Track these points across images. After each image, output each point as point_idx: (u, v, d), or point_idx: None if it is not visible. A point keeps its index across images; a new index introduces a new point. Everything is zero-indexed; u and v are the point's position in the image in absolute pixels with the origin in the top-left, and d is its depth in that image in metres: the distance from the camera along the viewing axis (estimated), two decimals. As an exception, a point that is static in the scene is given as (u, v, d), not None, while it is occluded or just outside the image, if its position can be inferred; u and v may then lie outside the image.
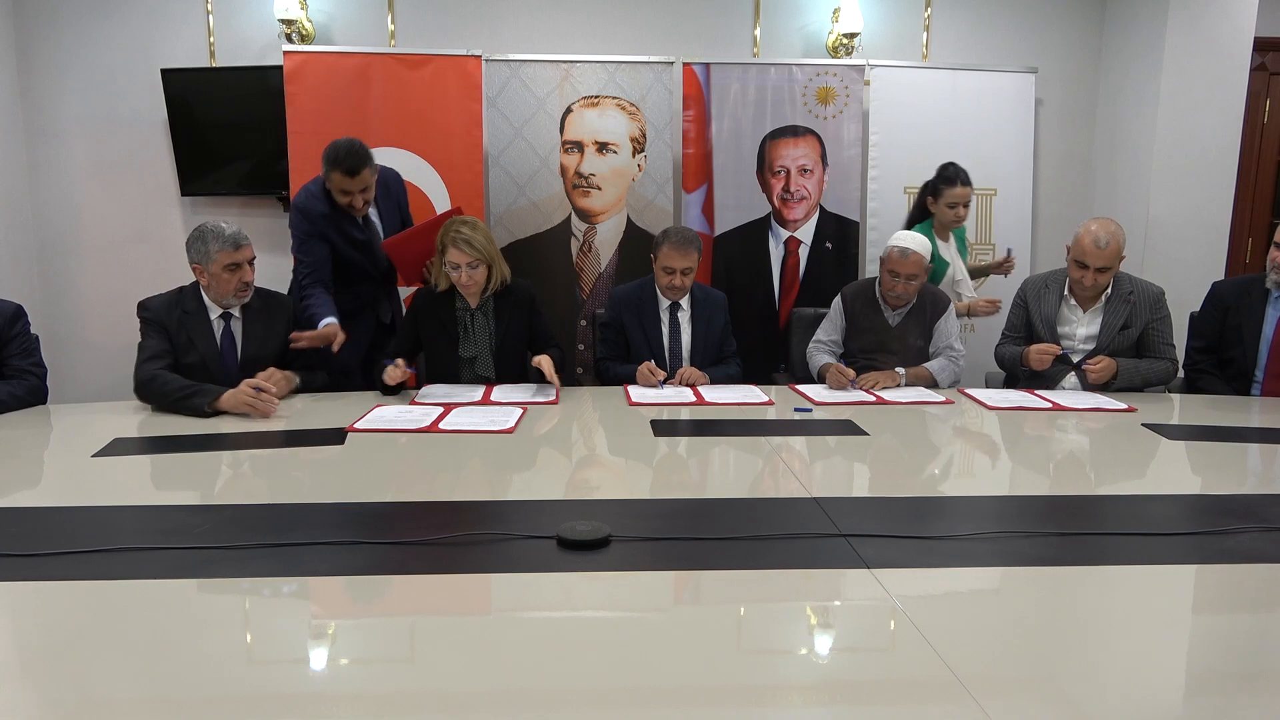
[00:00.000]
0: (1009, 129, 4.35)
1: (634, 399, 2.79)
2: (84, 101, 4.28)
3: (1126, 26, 4.41)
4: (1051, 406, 2.75)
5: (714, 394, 2.86)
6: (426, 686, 1.13)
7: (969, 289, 3.64)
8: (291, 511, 1.73)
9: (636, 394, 2.85)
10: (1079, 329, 3.08)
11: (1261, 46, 4.31)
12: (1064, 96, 4.60)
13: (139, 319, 2.68)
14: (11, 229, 4.21)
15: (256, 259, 2.75)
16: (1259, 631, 1.33)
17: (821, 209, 4.27)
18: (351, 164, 2.98)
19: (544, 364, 2.84)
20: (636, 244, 4.12)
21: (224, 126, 4.19)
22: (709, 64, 4.17)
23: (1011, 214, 4.41)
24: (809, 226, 4.27)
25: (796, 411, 2.66)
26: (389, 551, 1.51)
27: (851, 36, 4.33)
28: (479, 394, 2.78)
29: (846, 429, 2.47)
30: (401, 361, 2.79)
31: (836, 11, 4.34)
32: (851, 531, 1.61)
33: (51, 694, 1.10)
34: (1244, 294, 3.09)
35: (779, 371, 3.77)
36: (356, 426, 2.36)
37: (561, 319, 4.05)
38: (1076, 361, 3.04)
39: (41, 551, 1.47)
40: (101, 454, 2.10)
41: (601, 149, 4.12)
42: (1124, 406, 2.74)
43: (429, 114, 3.97)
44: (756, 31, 4.46)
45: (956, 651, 1.19)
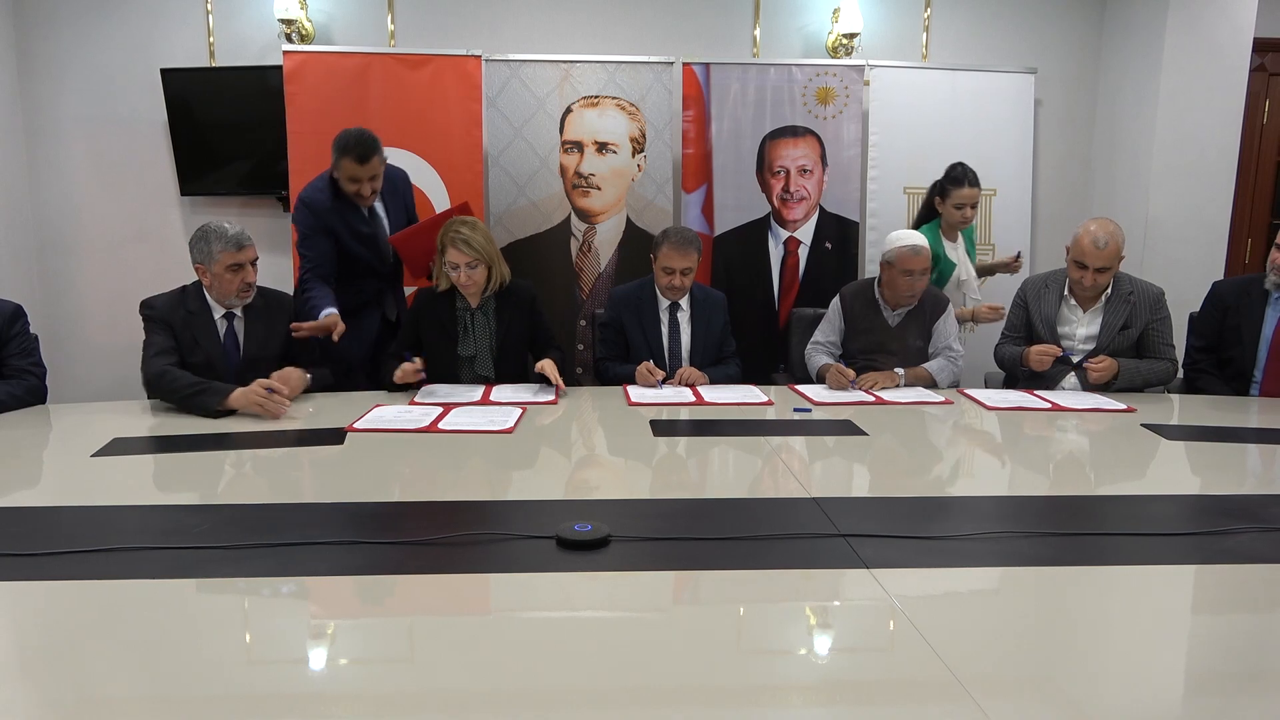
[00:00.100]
0: (1008, 129, 4.35)
1: (633, 399, 2.79)
2: (84, 101, 4.28)
3: (1126, 27, 4.41)
4: (1051, 407, 2.75)
5: (713, 394, 2.86)
6: (426, 686, 1.13)
7: (975, 290, 3.63)
8: (291, 511, 1.74)
9: (636, 394, 2.85)
10: (1079, 329, 3.08)
11: (1261, 47, 4.31)
12: (1063, 97, 4.60)
13: (142, 318, 2.67)
14: (11, 229, 4.21)
15: (258, 259, 2.74)
16: (1258, 632, 1.33)
17: (821, 209, 4.27)
18: (362, 150, 3.01)
19: (548, 368, 2.84)
20: (636, 244, 4.12)
21: (224, 126, 4.19)
22: (709, 64, 4.17)
23: (1011, 214, 4.41)
24: (808, 227, 4.27)
25: (796, 412, 2.66)
26: (388, 551, 1.51)
27: (851, 37, 4.33)
28: (478, 394, 2.78)
29: (846, 429, 2.47)
30: (420, 360, 2.79)
31: (836, 12, 4.34)
32: (851, 531, 1.61)
33: (51, 694, 1.10)
34: (1244, 294, 3.10)
35: (778, 372, 3.77)
36: (356, 426, 2.36)
37: (561, 319, 4.04)
38: (1077, 362, 3.04)
39: (41, 551, 1.47)
40: (101, 454, 2.10)
41: (601, 149, 4.12)
42: (1123, 407, 2.74)
43: (429, 114, 3.98)
44: (756, 32, 4.46)
45: (956, 652, 1.19)
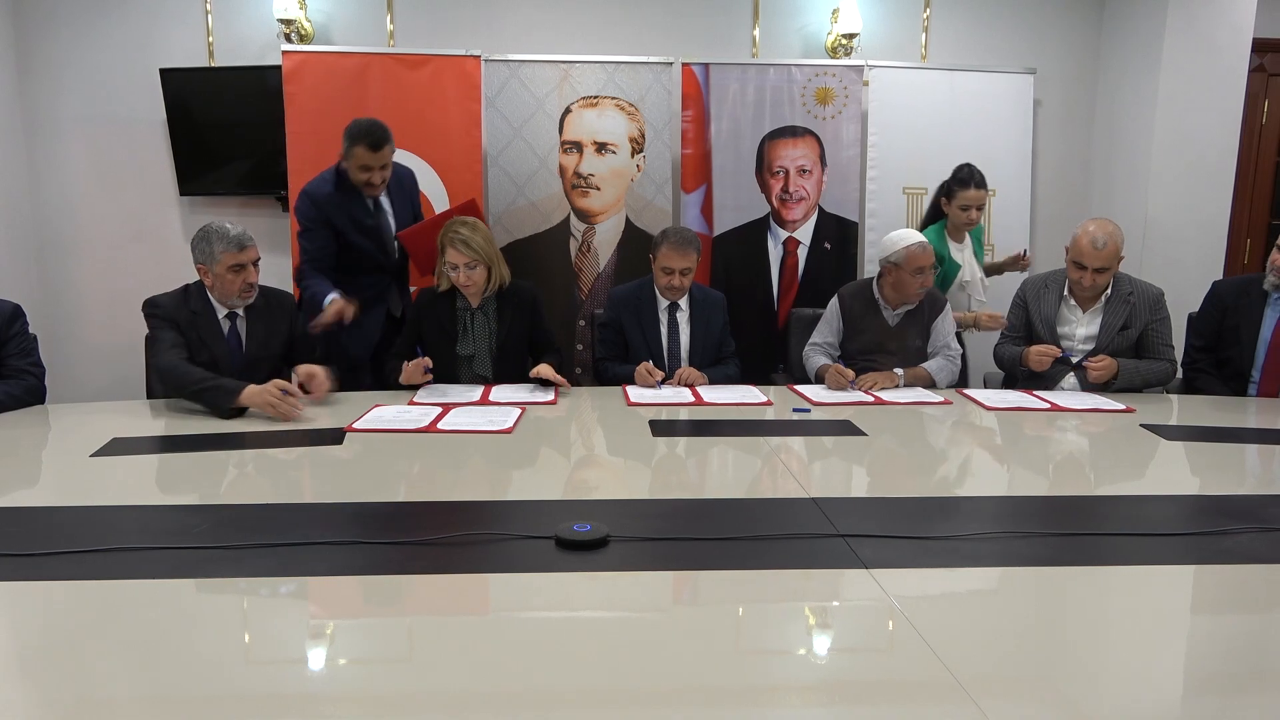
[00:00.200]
0: (1007, 130, 4.36)
1: (633, 399, 2.79)
2: (83, 101, 4.27)
3: (1125, 27, 4.42)
4: (1050, 407, 2.75)
5: (712, 394, 2.86)
6: (425, 686, 1.13)
7: (980, 291, 3.62)
8: (290, 511, 1.73)
9: (635, 394, 2.85)
10: (1078, 329, 3.08)
11: (1260, 48, 4.32)
12: (1063, 97, 4.61)
13: (147, 317, 2.64)
14: (10, 228, 4.21)
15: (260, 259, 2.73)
16: (1257, 632, 1.33)
17: (820, 209, 4.27)
18: (375, 138, 3.04)
19: (545, 372, 2.84)
20: (635, 244, 4.12)
21: (223, 126, 4.19)
22: (708, 64, 4.17)
23: (1010, 215, 4.41)
24: (808, 227, 4.27)
25: (795, 412, 2.66)
26: (387, 551, 1.51)
27: (850, 37, 4.34)
28: (477, 394, 2.78)
29: (845, 429, 2.47)
30: (429, 361, 2.80)
31: (835, 12, 4.34)
32: (850, 532, 1.61)
33: (50, 694, 1.10)
34: (1243, 294, 3.10)
35: (777, 372, 3.77)
36: (355, 426, 2.36)
37: (560, 319, 4.04)
38: (1076, 362, 3.04)
39: (40, 551, 1.47)
40: (100, 454, 2.09)
41: (600, 149, 4.12)
42: (1122, 407, 2.74)
43: (428, 114, 3.98)
44: (755, 32, 4.46)
45: (954, 652, 1.19)
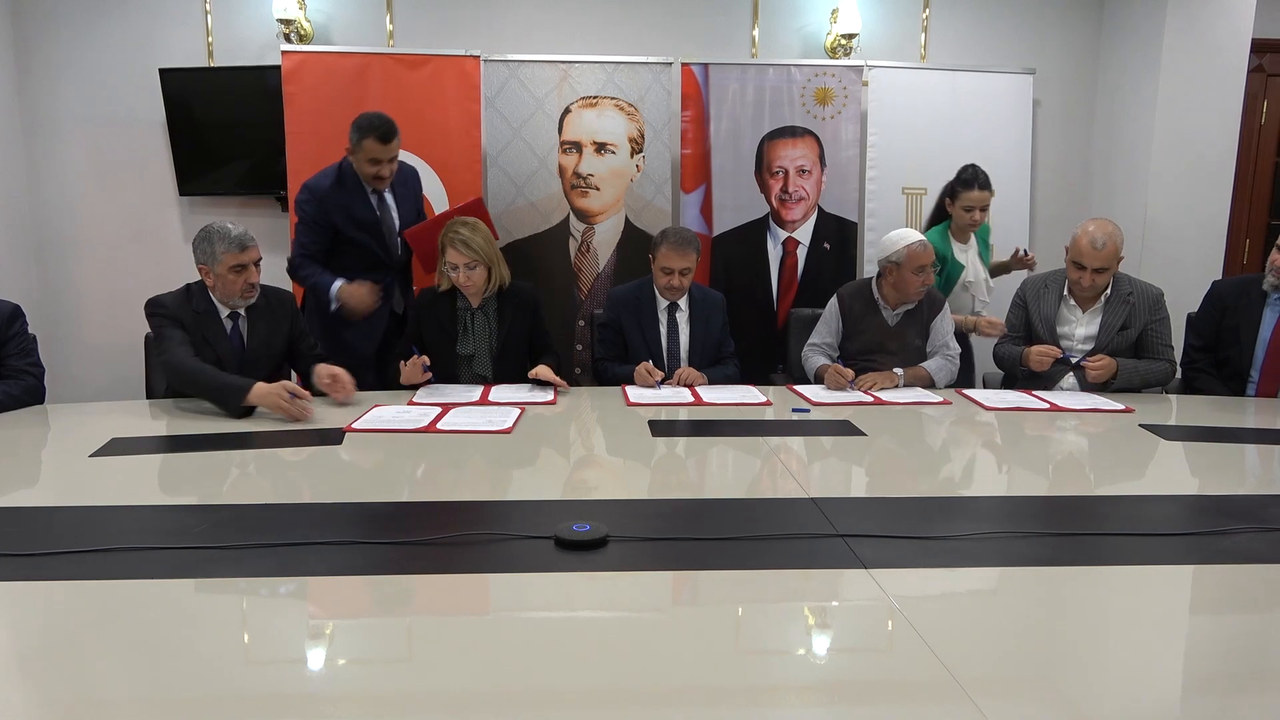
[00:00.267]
0: (1007, 130, 4.36)
1: (632, 399, 2.79)
2: (82, 101, 4.27)
3: (1124, 28, 4.42)
4: (1049, 407, 2.75)
5: (712, 394, 2.86)
6: (424, 686, 1.13)
7: (983, 292, 3.62)
8: (289, 511, 1.74)
9: (635, 394, 2.85)
10: (1078, 329, 3.08)
11: (1259, 48, 4.32)
12: (1062, 98, 4.61)
13: (151, 317, 2.63)
14: (9, 228, 4.20)
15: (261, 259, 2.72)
16: (1256, 632, 1.33)
17: (820, 209, 4.27)
18: (385, 131, 3.08)
19: (544, 373, 2.84)
20: (635, 244, 4.12)
21: (222, 126, 4.19)
22: (707, 64, 4.17)
23: (1009, 215, 4.40)
24: (807, 227, 4.27)
25: (794, 412, 2.66)
26: (387, 551, 1.51)
27: (850, 37, 4.34)
28: (477, 394, 2.78)
29: (844, 429, 2.47)
30: (427, 359, 2.81)
31: (835, 12, 4.34)
32: (849, 532, 1.61)
33: (49, 694, 1.10)
34: (1243, 294, 3.10)
35: (777, 372, 3.77)
36: (354, 426, 2.36)
37: (560, 319, 4.04)
38: (1075, 362, 3.04)
39: (39, 551, 1.47)
40: (99, 454, 2.09)
41: (600, 149, 4.12)
42: (1121, 407, 2.74)
43: (427, 114, 3.97)
44: (755, 32, 4.46)
45: (954, 652, 1.19)
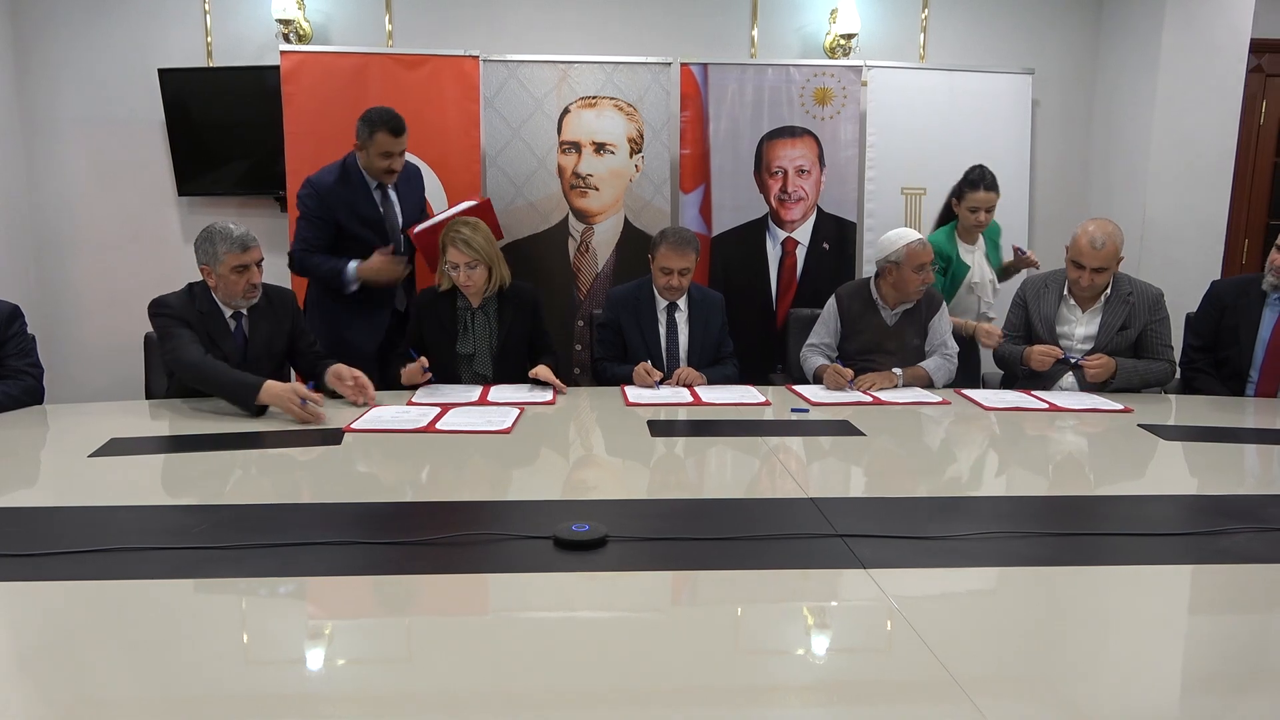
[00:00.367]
0: (1006, 130, 4.36)
1: (631, 399, 2.79)
2: (81, 101, 4.27)
3: (1123, 28, 4.42)
4: (1048, 407, 2.75)
5: (711, 394, 2.86)
6: (423, 687, 1.13)
7: (989, 294, 3.61)
8: (288, 512, 1.73)
9: (634, 394, 2.85)
10: (1078, 329, 3.08)
11: (1258, 48, 4.32)
12: (1061, 98, 4.61)
13: (156, 317, 2.61)
14: (8, 228, 4.20)
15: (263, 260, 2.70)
16: (1255, 632, 1.33)
17: (819, 210, 4.27)
18: (396, 124, 3.14)
19: (543, 373, 2.85)
20: (634, 244, 4.12)
21: (221, 126, 4.19)
22: (706, 64, 4.17)
23: (1009, 215, 4.39)
24: (806, 227, 4.28)
25: (793, 412, 2.66)
26: (386, 552, 1.51)
27: (849, 37, 4.34)
28: (476, 394, 2.78)
29: (843, 429, 2.47)
30: (425, 361, 2.82)
31: (834, 12, 4.35)
32: (848, 532, 1.61)
33: (48, 694, 1.10)
34: (1242, 294, 3.10)
35: (776, 372, 3.77)
36: (353, 427, 2.36)
37: (559, 319, 4.04)
38: (1074, 362, 3.04)
39: (38, 551, 1.47)
40: (98, 454, 2.09)
41: (599, 149, 4.12)
42: (1120, 407, 2.74)
43: (426, 114, 3.97)
44: (754, 32, 4.46)
45: (952, 652, 1.19)
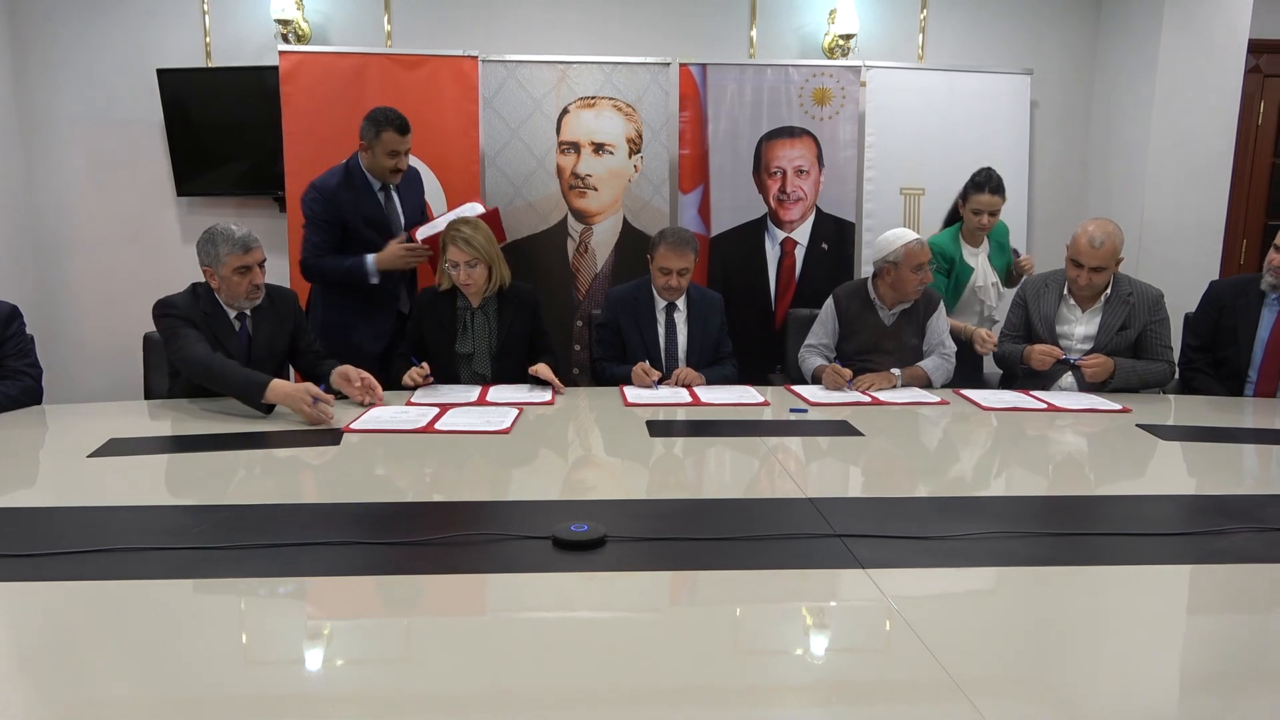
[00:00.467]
0: (1004, 131, 4.36)
1: (630, 399, 2.79)
2: (80, 101, 4.27)
3: (1121, 28, 4.42)
4: (1047, 407, 2.75)
5: (710, 395, 2.86)
6: (422, 687, 1.13)
7: (991, 297, 3.61)
8: (287, 512, 1.73)
9: (632, 394, 2.85)
10: (1077, 328, 3.08)
11: (1256, 48, 4.32)
12: (1059, 98, 4.61)
13: (162, 318, 2.59)
14: (7, 229, 4.20)
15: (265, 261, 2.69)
16: (1253, 632, 1.34)
17: (818, 210, 4.27)
18: (402, 122, 3.17)
19: (543, 371, 2.86)
20: (633, 245, 4.12)
21: (220, 127, 4.19)
22: (705, 65, 4.18)
23: (1007, 215, 4.37)
24: (805, 227, 4.28)
25: (792, 412, 2.66)
26: (385, 552, 1.51)
27: (848, 38, 4.34)
28: (475, 394, 2.78)
29: (842, 430, 2.47)
30: (426, 365, 2.84)
31: (832, 13, 4.35)
32: (846, 532, 1.61)
33: (47, 694, 1.10)
34: (1240, 294, 3.10)
35: (775, 372, 3.77)
36: (352, 427, 2.35)
37: (558, 320, 4.04)
38: (1073, 362, 3.04)
39: (37, 552, 1.47)
40: (97, 454, 2.09)
41: (598, 150, 4.12)
42: (1119, 407, 2.74)
43: (425, 114, 3.96)
44: (753, 32, 4.46)
45: (951, 652, 1.19)
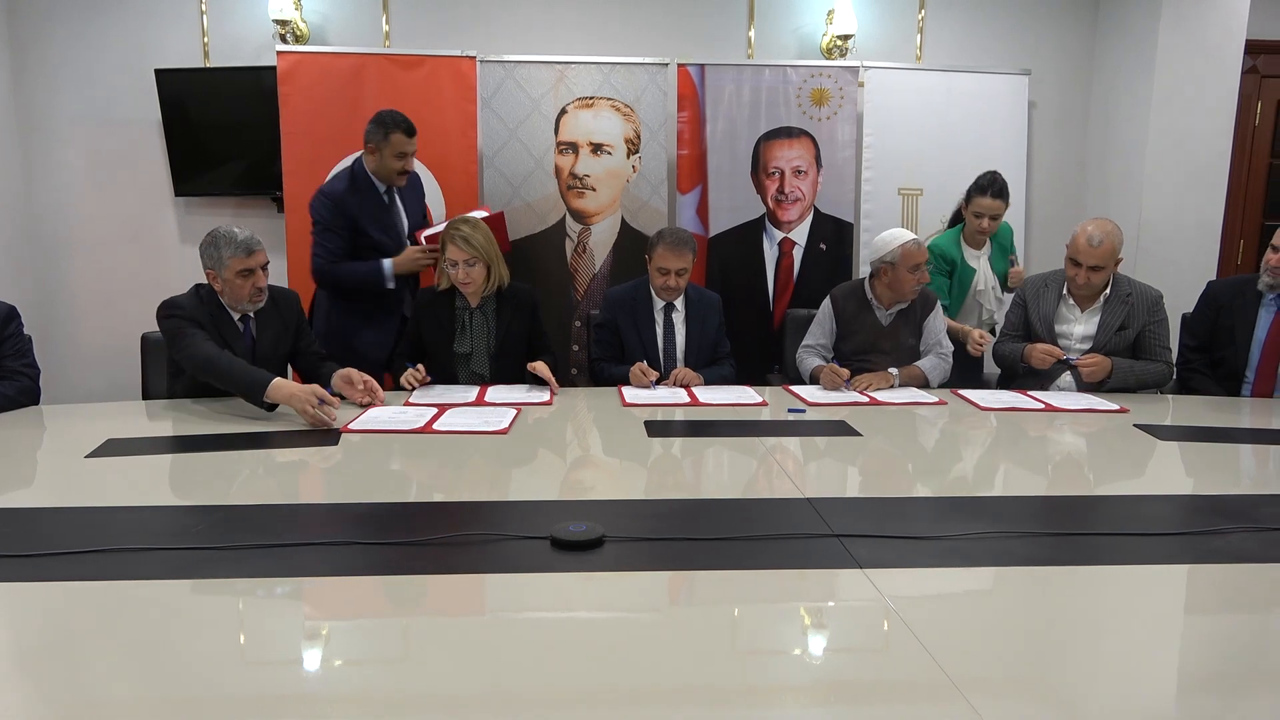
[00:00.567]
0: (1002, 131, 4.36)
1: (628, 400, 2.79)
2: (78, 101, 4.27)
3: (1119, 29, 4.43)
4: (1044, 407, 2.75)
5: (708, 395, 2.86)
6: (420, 687, 1.13)
7: (991, 300, 3.61)
8: (286, 512, 1.74)
9: (631, 395, 2.85)
10: (1076, 328, 3.09)
11: (1253, 49, 4.33)
12: (1057, 99, 4.62)
13: (169, 319, 2.57)
14: (5, 229, 4.19)
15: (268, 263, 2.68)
16: (1250, 631, 1.34)
17: (816, 210, 4.27)
18: (409, 124, 3.23)
19: (540, 369, 2.86)
20: (631, 245, 4.12)
21: (218, 127, 4.19)
22: (703, 65, 4.18)
23: (1005, 216, 4.41)
24: (803, 228, 4.28)
25: (790, 412, 2.67)
26: (383, 552, 1.51)
27: (845, 38, 4.35)
28: (473, 395, 2.78)
29: (840, 430, 2.47)
30: (422, 367, 2.85)
31: (830, 13, 4.36)
32: (844, 532, 1.61)
33: (46, 695, 1.10)
34: (1238, 294, 3.11)
35: (773, 373, 3.77)
36: (351, 427, 2.35)
37: (556, 320, 4.05)
38: (1071, 362, 3.04)
39: (35, 552, 1.47)
40: (95, 455, 2.09)
41: (596, 150, 4.12)
42: (1116, 407, 2.74)
43: (423, 115, 3.94)
44: (751, 33, 4.47)
45: (948, 652, 1.19)
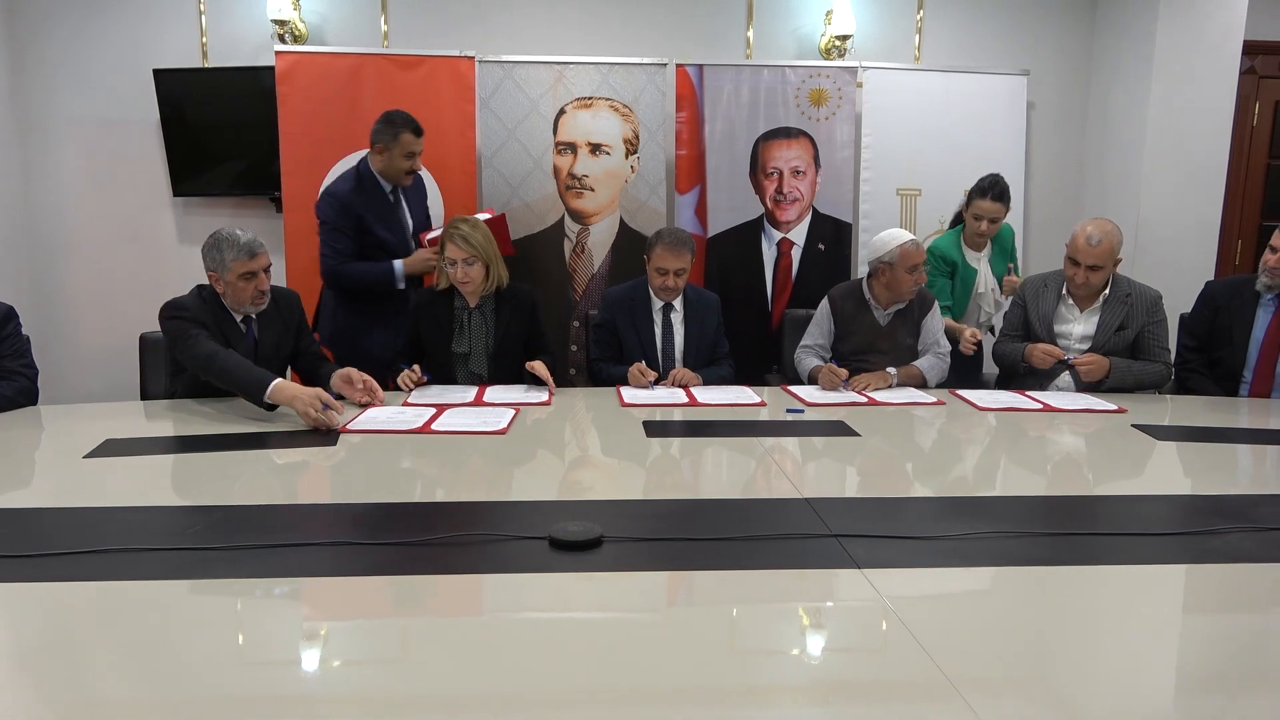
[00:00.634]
0: (1001, 131, 4.36)
1: (626, 400, 2.79)
2: (76, 101, 4.26)
3: (1117, 29, 4.43)
4: (1042, 408, 2.75)
5: (706, 395, 2.86)
6: (419, 688, 1.13)
7: (989, 303, 3.61)
8: (284, 512, 1.74)
9: (629, 395, 2.85)
10: (1075, 328, 3.09)
11: (1251, 50, 4.34)
12: (1056, 99, 4.62)
13: (172, 320, 2.55)
14: (3, 228, 4.19)
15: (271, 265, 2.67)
16: (1248, 631, 1.34)
17: (814, 210, 4.28)
18: (417, 123, 3.25)
19: (538, 368, 2.87)
20: (629, 245, 4.12)
21: (217, 127, 4.19)
22: (702, 65, 4.18)
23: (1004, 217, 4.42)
24: (802, 228, 4.28)
25: (789, 412, 2.67)
26: (381, 552, 1.51)
27: (844, 38, 4.35)
28: (471, 395, 2.78)
29: (838, 430, 2.47)
30: (418, 368, 2.85)
31: (829, 14, 4.36)
32: (843, 532, 1.61)
33: (45, 695, 1.09)
34: (1236, 294, 3.11)
35: (771, 373, 3.77)
36: (349, 427, 2.35)
37: (555, 320, 4.05)
38: (1069, 361, 3.04)
39: (33, 552, 1.47)
40: (93, 455, 2.09)
41: (594, 150, 4.12)
42: (1114, 407, 2.75)
43: (422, 115, 3.91)
44: (749, 33, 4.47)
45: (947, 652, 1.19)
